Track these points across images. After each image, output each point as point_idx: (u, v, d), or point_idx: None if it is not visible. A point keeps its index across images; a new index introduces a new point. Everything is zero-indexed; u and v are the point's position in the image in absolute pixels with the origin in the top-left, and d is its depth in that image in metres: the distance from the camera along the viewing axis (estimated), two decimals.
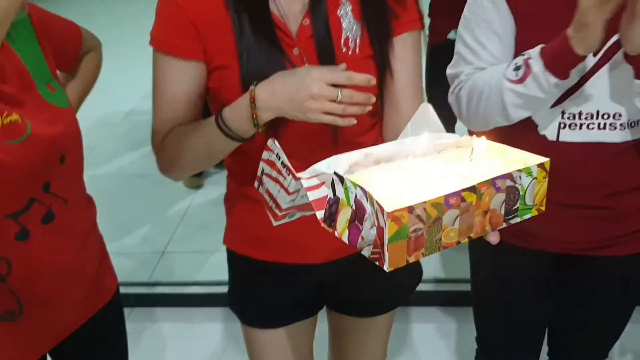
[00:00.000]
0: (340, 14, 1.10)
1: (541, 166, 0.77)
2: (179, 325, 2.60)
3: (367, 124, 1.15)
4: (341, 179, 0.73)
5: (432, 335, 2.48)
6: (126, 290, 1.40)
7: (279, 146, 0.82)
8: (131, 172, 3.91)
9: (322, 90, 0.94)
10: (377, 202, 0.66)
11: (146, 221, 3.35)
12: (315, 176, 0.79)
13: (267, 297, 1.33)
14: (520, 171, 0.76)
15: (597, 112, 1.23)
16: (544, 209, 0.81)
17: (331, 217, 0.75)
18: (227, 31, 1.06)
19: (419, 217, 0.67)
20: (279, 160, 0.82)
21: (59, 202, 1.10)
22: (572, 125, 1.25)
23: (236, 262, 1.35)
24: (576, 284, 1.50)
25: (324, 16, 1.09)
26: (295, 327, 1.36)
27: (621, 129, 1.24)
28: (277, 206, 0.85)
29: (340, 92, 0.94)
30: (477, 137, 0.80)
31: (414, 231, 0.67)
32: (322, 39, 1.08)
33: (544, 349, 1.63)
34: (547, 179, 0.79)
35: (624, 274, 1.43)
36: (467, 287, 1.62)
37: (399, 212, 0.65)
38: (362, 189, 0.69)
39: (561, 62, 1.13)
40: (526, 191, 0.77)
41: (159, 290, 2.78)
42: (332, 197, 0.75)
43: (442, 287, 2.66)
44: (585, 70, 1.20)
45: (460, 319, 2.49)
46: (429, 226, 0.68)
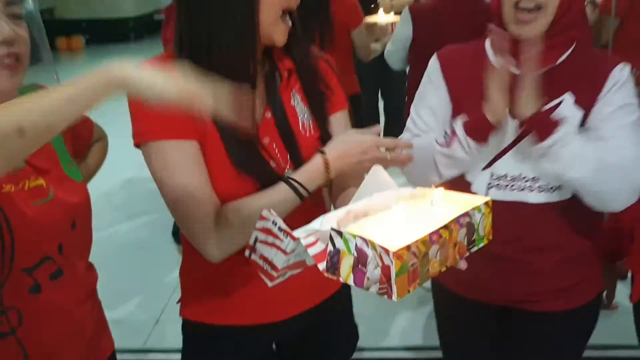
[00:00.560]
0: (293, 104, 1.28)
1: (486, 204, 0.97)
2: None
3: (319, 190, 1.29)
4: (339, 232, 0.85)
5: None
6: (121, 356, 1.46)
7: (274, 214, 0.93)
8: (128, 241, 3.98)
9: (377, 153, 1.20)
10: (381, 246, 0.80)
11: (141, 289, 3.40)
12: (310, 234, 0.91)
13: None
14: (474, 209, 0.94)
15: (520, 174, 1.42)
16: (491, 237, 0.99)
17: (334, 267, 0.87)
18: (216, 140, 1.20)
19: (414, 253, 0.82)
20: (275, 226, 0.93)
21: (68, 263, 1.20)
22: (498, 185, 1.44)
23: (192, 330, 1.43)
24: (512, 336, 1.63)
25: (281, 108, 1.26)
26: None
27: (539, 191, 1.41)
28: (274, 268, 0.95)
29: (388, 154, 1.21)
30: (435, 188, 0.97)
31: (412, 265, 0.82)
32: (285, 129, 1.26)
33: None
34: (491, 214, 0.98)
35: (550, 330, 1.56)
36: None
37: (401, 251, 0.80)
38: (362, 238, 0.83)
39: (479, 129, 1.38)
40: (479, 225, 0.95)
41: (152, 357, 2.81)
42: (332, 249, 0.87)
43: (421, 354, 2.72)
44: (506, 136, 1.40)
45: None
46: (420, 260, 0.83)
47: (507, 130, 1.40)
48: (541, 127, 1.33)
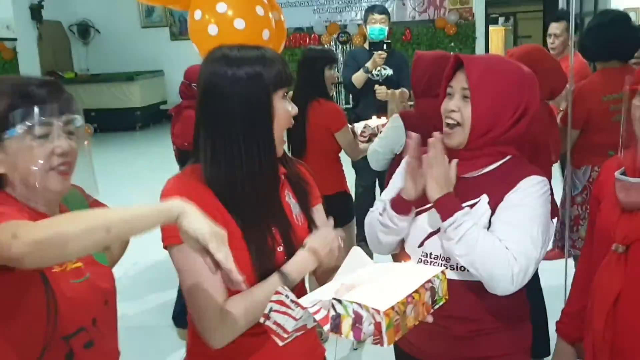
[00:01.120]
0: (288, 201, 1.55)
1: (442, 272, 1.31)
2: None
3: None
4: (339, 300, 1.13)
5: None
6: None
7: (287, 289, 1.21)
8: (131, 325, 4.11)
9: (337, 244, 1.51)
10: (373, 308, 1.10)
11: None
12: (315, 304, 1.17)
13: None
14: (434, 277, 1.27)
15: (441, 254, 1.70)
16: (447, 297, 1.31)
17: (336, 327, 1.14)
18: (230, 223, 1.43)
19: (396, 311, 1.12)
20: (287, 298, 1.21)
21: (99, 335, 1.41)
22: (426, 261, 1.72)
23: None
24: None
25: (280, 205, 1.54)
26: None
27: (451, 269, 1.66)
28: (285, 331, 1.21)
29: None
30: (404, 261, 1.37)
31: (396, 320, 1.11)
32: (285, 224, 1.52)
33: None
34: (446, 280, 1.31)
35: None
36: None
37: (388, 310, 1.10)
38: (357, 303, 1.11)
39: (398, 204, 1.72)
40: (438, 288, 1.28)
41: None
42: (334, 313, 1.14)
43: None
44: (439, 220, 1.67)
45: None
46: (401, 316, 1.12)
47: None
48: (443, 209, 1.63)
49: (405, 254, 1.79)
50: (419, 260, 1.74)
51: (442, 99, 1.74)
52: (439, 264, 1.69)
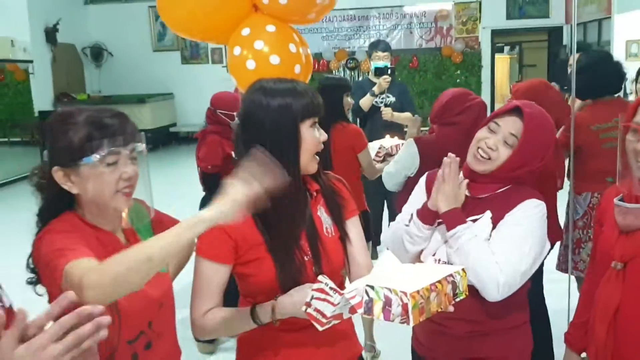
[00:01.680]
0: (319, 214, 1.72)
1: (463, 270, 1.51)
2: None
3: (341, 278, 1.74)
4: (372, 287, 1.34)
5: None
6: None
7: (327, 278, 1.43)
8: None
9: (307, 299, 1.54)
10: (401, 291, 1.29)
11: None
12: (351, 291, 1.39)
13: None
14: (456, 272, 1.47)
15: (448, 260, 1.88)
16: (467, 294, 1.50)
17: (369, 310, 1.35)
18: (260, 242, 1.64)
19: (422, 296, 1.31)
20: (327, 286, 1.42)
21: (156, 335, 1.60)
22: None
23: None
24: None
25: (310, 219, 1.70)
26: None
27: None
28: (324, 316, 1.40)
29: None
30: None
31: (420, 303, 1.30)
32: (314, 236, 1.69)
33: None
34: (466, 278, 1.50)
35: None
36: None
37: (414, 293, 1.30)
38: (388, 288, 1.32)
39: (424, 214, 1.91)
40: (459, 283, 1.44)
41: None
42: (367, 298, 1.35)
43: None
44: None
45: None
46: (425, 300, 1.32)
47: None
48: (448, 221, 1.85)
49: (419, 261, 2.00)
50: None
51: (483, 126, 1.94)
52: None
